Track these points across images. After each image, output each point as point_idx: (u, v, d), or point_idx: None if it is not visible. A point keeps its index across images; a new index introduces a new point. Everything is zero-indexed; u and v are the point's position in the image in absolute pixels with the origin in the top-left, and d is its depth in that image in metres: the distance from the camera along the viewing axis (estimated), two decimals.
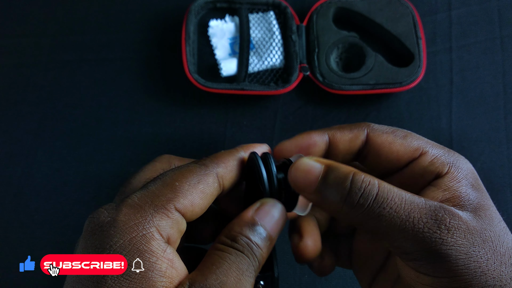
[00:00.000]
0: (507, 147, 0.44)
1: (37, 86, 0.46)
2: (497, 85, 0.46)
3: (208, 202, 0.24)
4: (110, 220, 0.21)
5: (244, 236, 0.23)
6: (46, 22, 0.49)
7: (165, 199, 0.22)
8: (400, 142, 0.26)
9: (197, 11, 0.47)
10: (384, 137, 0.26)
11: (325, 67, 0.44)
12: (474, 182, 0.24)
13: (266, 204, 0.24)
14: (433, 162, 0.25)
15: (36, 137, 0.45)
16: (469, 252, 0.21)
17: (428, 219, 0.21)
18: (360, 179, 0.22)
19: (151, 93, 0.46)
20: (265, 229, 0.24)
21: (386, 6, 0.46)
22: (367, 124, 0.27)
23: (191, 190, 0.23)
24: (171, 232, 0.22)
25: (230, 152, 0.26)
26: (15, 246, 0.41)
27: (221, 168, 0.25)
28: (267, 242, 0.23)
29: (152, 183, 0.23)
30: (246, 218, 0.24)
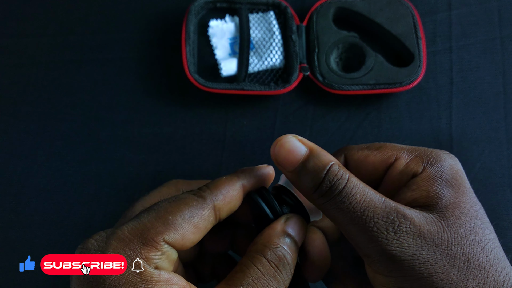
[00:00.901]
0: (507, 147, 0.44)
1: (37, 86, 0.46)
2: (497, 85, 0.46)
3: (201, 235, 0.25)
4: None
5: (281, 247, 0.24)
6: (46, 22, 0.49)
7: (155, 232, 0.22)
8: (374, 154, 0.27)
9: (197, 11, 0.47)
10: (360, 153, 0.27)
11: (325, 67, 0.44)
12: (451, 178, 0.24)
13: (292, 217, 0.26)
14: (408, 164, 0.25)
15: (36, 137, 0.45)
16: (415, 254, 0.21)
17: (379, 219, 0.22)
18: (334, 171, 0.23)
19: (151, 93, 0.46)
20: (296, 240, 0.25)
21: (386, 6, 0.46)
22: (344, 148, 0.28)
23: (183, 225, 0.23)
24: (160, 262, 0.22)
25: (230, 180, 0.26)
26: (15, 246, 0.41)
27: (219, 201, 0.25)
28: (297, 253, 0.25)
29: (145, 213, 0.24)
30: (280, 229, 0.25)
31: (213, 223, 0.25)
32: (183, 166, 0.44)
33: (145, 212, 0.24)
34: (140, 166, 0.44)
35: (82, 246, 0.23)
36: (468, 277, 0.21)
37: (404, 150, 0.26)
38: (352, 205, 0.22)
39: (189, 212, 0.24)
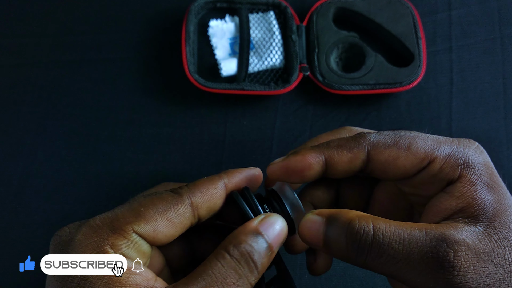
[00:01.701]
0: (507, 147, 0.44)
1: (37, 86, 0.46)
2: (497, 85, 0.46)
3: (177, 231, 0.24)
4: (69, 239, 0.23)
5: (247, 244, 0.23)
6: (46, 22, 0.49)
7: (124, 222, 0.23)
8: (405, 155, 0.24)
9: (197, 11, 0.47)
10: (387, 153, 0.24)
11: (325, 67, 0.44)
12: (490, 180, 0.23)
13: (270, 216, 0.25)
14: (443, 168, 0.23)
15: (36, 137, 0.45)
16: (480, 284, 0.20)
17: (429, 258, 0.20)
18: (354, 229, 0.22)
19: (151, 93, 0.46)
20: (267, 240, 0.24)
21: (386, 6, 0.46)
22: (366, 140, 0.25)
23: (155, 217, 0.23)
24: (128, 251, 0.23)
25: (211, 179, 0.26)
26: (15, 246, 0.41)
27: (196, 198, 0.25)
28: (268, 252, 0.24)
29: (120, 206, 0.24)
30: (251, 227, 0.24)
31: (191, 219, 0.25)
32: (183, 166, 0.44)
33: (120, 205, 0.24)
34: (140, 166, 0.44)
35: (57, 233, 0.24)
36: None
37: (436, 149, 0.24)
38: (392, 255, 0.21)
39: (162, 206, 0.24)
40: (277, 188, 0.27)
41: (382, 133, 0.25)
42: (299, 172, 0.25)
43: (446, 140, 0.24)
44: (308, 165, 0.25)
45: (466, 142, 0.24)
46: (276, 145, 0.44)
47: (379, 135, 0.25)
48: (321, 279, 0.40)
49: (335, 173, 0.26)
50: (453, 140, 0.25)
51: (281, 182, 0.27)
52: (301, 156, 0.25)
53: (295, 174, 0.26)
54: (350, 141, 0.25)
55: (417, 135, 0.25)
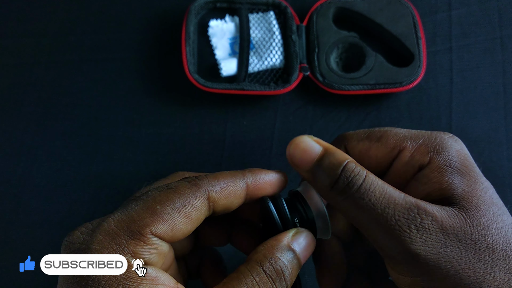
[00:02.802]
0: (507, 147, 0.44)
1: (37, 86, 0.46)
2: (497, 85, 0.46)
3: (193, 226, 0.24)
4: (85, 248, 0.21)
5: (281, 262, 0.23)
6: (46, 23, 0.49)
7: (142, 224, 0.21)
8: (375, 146, 0.25)
9: (197, 11, 0.47)
10: (360, 145, 0.26)
11: (325, 67, 0.44)
12: (461, 165, 0.23)
13: (301, 233, 0.25)
14: (414, 156, 0.24)
15: (36, 137, 0.45)
16: (439, 252, 0.21)
17: (400, 217, 0.21)
18: (351, 168, 0.23)
19: (151, 93, 0.46)
20: (299, 256, 0.24)
21: (386, 6, 0.46)
22: (343, 137, 0.27)
23: (173, 214, 0.22)
24: (149, 256, 0.22)
25: (233, 175, 0.25)
26: (15, 246, 0.41)
27: (214, 192, 0.24)
28: (298, 269, 0.24)
29: (133, 203, 0.23)
30: (285, 244, 0.24)
31: (206, 214, 0.24)
32: (183, 166, 0.44)
33: (133, 201, 0.23)
34: (140, 166, 0.44)
35: (67, 239, 0.22)
36: (495, 269, 0.21)
37: (407, 138, 0.25)
38: (372, 201, 0.22)
39: (179, 201, 0.22)
40: (301, 190, 0.27)
41: (358, 130, 0.27)
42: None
43: (420, 132, 0.25)
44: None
45: (440, 133, 0.25)
46: (276, 145, 0.44)
47: (354, 132, 0.27)
48: None
49: None
50: (427, 132, 0.26)
51: (306, 183, 0.27)
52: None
53: None
54: (333, 141, 0.27)
55: (390, 129, 0.26)
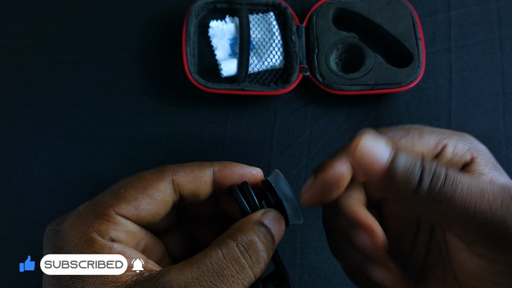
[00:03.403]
0: (506, 147, 0.44)
1: (38, 86, 0.47)
2: (496, 86, 0.47)
3: (161, 208, 0.25)
4: (57, 230, 0.23)
5: (254, 233, 0.23)
6: (47, 23, 0.49)
7: (105, 206, 0.23)
8: (419, 143, 0.25)
9: (197, 12, 0.47)
10: (403, 142, 0.25)
11: (324, 67, 0.45)
12: (495, 163, 0.25)
13: (271, 211, 0.25)
14: (456, 153, 0.25)
15: (37, 137, 0.45)
16: None
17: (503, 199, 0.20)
18: (429, 162, 0.21)
19: (152, 93, 0.46)
20: (272, 234, 0.24)
21: (385, 6, 0.47)
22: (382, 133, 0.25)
23: (135, 196, 0.24)
24: (115, 233, 0.23)
25: (200, 164, 0.26)
26: (16, 246, 0.41)
27: (178, 176, 0.25)
28: (272, 244, 0.24)
29: (101, 192, 0.25)
30: (256, 218, 0.24)
31: (172, 196, 0.25)
32: None
33: (102, 192, 0.25)
34: (140, 166, 0.44)
35: (47, 227, 0.24)
36: None
37: (445, 136, 0.25)
38: (465, 191, 0.20)
39: (142, 184, 0.24)
40: (272, 180, 0.27)
41: (391, 128, 0.26)
42: (336, 187, 0.24)
43: (449, 131, 0.26)
44: (341, 175, 0.24)
45: (465, 134, 0.26)
46: (276, 145, 0.45)
47: (389, 130, 0.26)
48: (321, 278, 0.40)
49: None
50: (453, 131, 0.26)
51: (277, 171, 0.27)
52: (330, 168, 0.24)
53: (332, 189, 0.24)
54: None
55: (423, 127, 0.26)
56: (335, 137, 0.45)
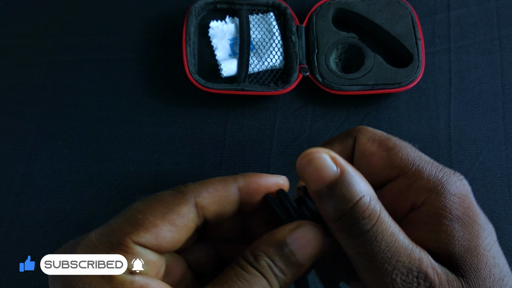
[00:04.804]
0: (505, 147, 0.44)
1: (38, 86, 0.47)
2: (495, 86, 0.47)
3: (183, 234, 0.22)
4: None
5: (267, 257, 0.21)
6: (47, 23, 0.49)
7: (121, 234, 0.21)
8: (381, 155, 0.23)
9: (197, 12, 0.47)
10: (369, 146, 0.24)
11: (324, 67, 0.45)
12: (463, 213, 0.21)
13: (302, 226, 0.22)
14: (411, 187, 0.22)
15: (37, 137, 0.45)
16: None
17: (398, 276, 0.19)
18: (363, 207, 0.20)
19: (152, 93, 0.46)
20: (294, 254, 0.21)
21: (385, 7, 0.47)
22: (359, 130, 0.25)
23: (155, 222, 0.21)
24: (133, 265, 0.21)
25: (223, 180, 0.24)
26: (16, 246, 0.41)
27: (202, 198, 0.23)
28: (293, 268, 0.21)
29: (115, 217, 0.22)
30: (276, 237, 0.21)
31: (195, 221, 0.23)
32: (183, 166, 0.44)
33: (115, 216, 0.22)
34: (141, 166, 0.44)
35: None
36: None
37: (414, 164, 0.22)
38: (374, 252, 0.19)
39: (162, 209, 0.22)
40: None
41: (376, 130, 0.25)
42: None
43: (430, 161, 0.23)
44: None
45: (449, 171, 0.22)
46: (276, 145, 0.45)
47: (372, 130, 0.25)
48: None
49: None
50: (438, 165, 0.23)
51: None
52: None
53: None
54: (346, 132, 0.25)
55: (406, 146, 0.23)
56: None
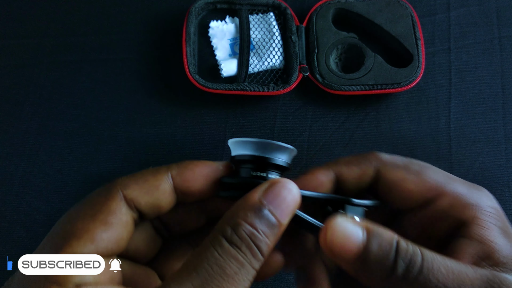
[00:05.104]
0: (505, 147, 0.44)
1: (38, 86, 0.47)
2: (495, 86, 0.47)
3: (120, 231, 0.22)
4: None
5: (248, 224, 0.19)
6: (47, 23, 0.49)
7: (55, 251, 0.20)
8: (413, 180, 0.23)
9: (197, 12, 0.47)
10: (395, 173, 0.24)
11: (324, 67, 0.45)
12: (503, 225, 0.22)
13: (276, 184, 0.21)
14: (454, 205, 0.22)
15: (37, 137, 0.45)
16: None
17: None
18: (404, 247, 0.20)
19: (152, 93, 0.46)
20: (275, 214, 0.20)
21: (385, 7, 0.47)
22: (375, 157, 0.25)
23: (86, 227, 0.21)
24: (79, 278, 0.20)
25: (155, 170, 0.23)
26: (17, 246, 0.41)
27: (131, 190, 0.23)
28: (275, 230, 0.20)
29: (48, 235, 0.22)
30: (252, 201, 0.20)
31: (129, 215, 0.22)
32: None
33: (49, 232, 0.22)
34: (141, 166, 0.43)
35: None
36: None
37: (447, 183, 0.23)
38: (441, 281, 0.19)
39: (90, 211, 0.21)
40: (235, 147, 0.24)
41: (395, 156, 0.25)
42: (312, 190, 0.24)
43: (457, 179, 0.24)
44: (320, 183, 0.24)
45: (476, 186, 0.23)
46: None
47: (391, 156, 0.25)
48: None
49: (344, 191, 0.25)
50: (464, 181, 0.24)
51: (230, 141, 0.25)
52: (311, 175, 0.24)
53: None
54: (360, 157, 0.25)
55: (429, 166, 0.24)
56: (335, 137, 0.45)
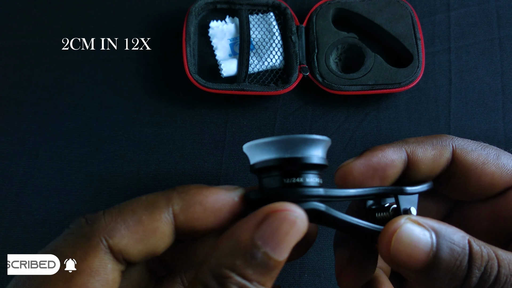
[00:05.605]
0: (505, 147, 0.44)
1: (38, 86, 0.47)
2: (495, 86, 0.47)
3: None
4: None
5: (237, 275, 0.15)
6: (47, 23, 0.49)
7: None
8: (494, 163, 0.21)
9: (197, 12, 0.47)
10: (475, 155, 0.21)
11: (324, 67, 0.45)
12: None
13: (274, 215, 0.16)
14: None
15: (37, 137, 0.45)
16: None
17: None
18: (478, 253, 0.17)
19: (152, 93, 0.46)
20: (272, 257, 0.16)
21: (385, 7, 0.47)
22: (450, 137, 0.21)
23: None
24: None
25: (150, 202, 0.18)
26: (17, 246, 0.41)
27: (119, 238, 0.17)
28: (273, 273, 0.16)
29: None
30: (241, 241, 0.16)
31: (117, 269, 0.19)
32: (183, 166, 0.44)
33: None
34: (141, 166, 0.44)
35: None
36: None
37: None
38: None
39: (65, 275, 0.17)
40: None
41: (464, 139, 0.22)
42: (380, 170, 0.20)
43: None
44: (390, 162, 0.20)
45: None
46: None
47: (462, 139, 0.22)
48: (321, 278, 0.40)
49: (416, 174, 0.21)
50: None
51: None
52: (381, 152, 0.21)
53: (375, 174, 0.20)
54: (432, 138, 0.22)
55: (501, 150, 0.22)
56: (335, 137, 0.45)
